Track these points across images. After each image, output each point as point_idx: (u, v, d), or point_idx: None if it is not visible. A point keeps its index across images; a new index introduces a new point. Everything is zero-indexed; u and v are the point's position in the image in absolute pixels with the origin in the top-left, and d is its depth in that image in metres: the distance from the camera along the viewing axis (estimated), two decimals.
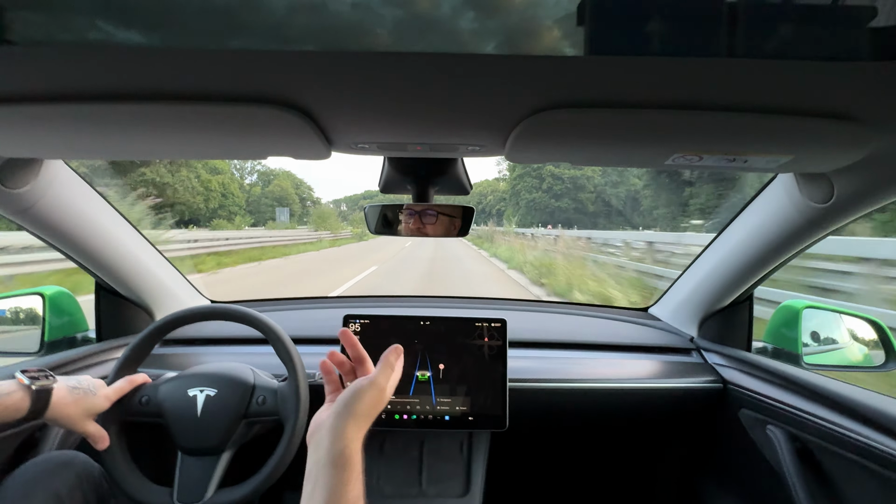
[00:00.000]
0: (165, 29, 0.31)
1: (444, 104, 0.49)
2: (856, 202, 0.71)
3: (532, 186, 47.59)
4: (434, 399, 0.98)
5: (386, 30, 0.31)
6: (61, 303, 1.07)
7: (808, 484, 0.82)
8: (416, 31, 0.32)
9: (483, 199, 73.58)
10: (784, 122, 0.49)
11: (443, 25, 0.31)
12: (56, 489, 0.69)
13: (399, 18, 0.31)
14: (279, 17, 0.30)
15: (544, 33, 0.31)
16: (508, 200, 63.08)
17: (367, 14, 0.30)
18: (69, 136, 0.59)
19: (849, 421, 0.76)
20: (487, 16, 0.31)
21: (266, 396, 0.86)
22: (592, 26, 0.32)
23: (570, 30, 0.31)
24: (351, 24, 0.31)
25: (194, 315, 0.91)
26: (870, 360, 1.06)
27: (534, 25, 0.31)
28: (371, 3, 0.29)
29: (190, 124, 0.54)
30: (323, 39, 0.32)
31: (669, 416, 1.13)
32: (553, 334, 1.24)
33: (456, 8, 0.30)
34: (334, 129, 0.57)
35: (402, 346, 0.61)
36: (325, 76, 0.43)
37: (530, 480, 1.42)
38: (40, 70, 0.43)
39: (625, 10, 0.32)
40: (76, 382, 0.75)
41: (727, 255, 1.04)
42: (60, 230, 0.87)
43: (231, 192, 39.66)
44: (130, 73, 0.43)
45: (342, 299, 1.51)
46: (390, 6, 0.31)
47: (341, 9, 0.29)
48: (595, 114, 0.49)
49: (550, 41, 0.32)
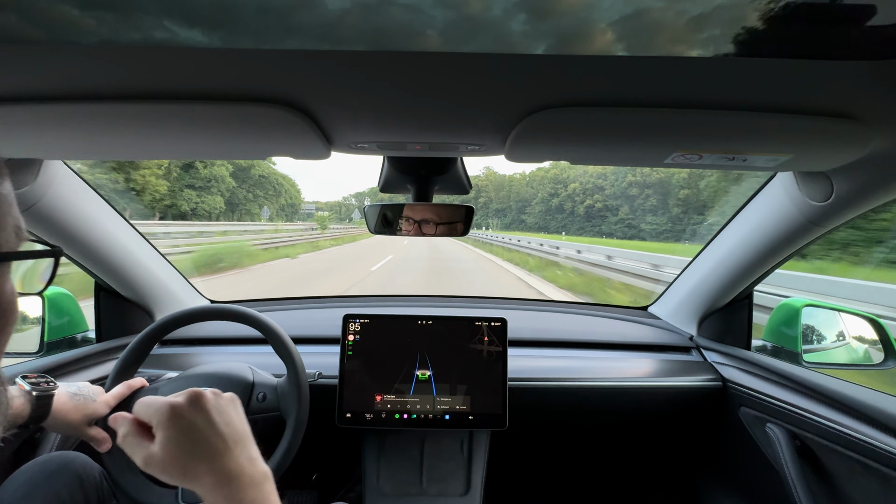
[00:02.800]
0: (165, 28, 0.31)
1: (443, 104, 0.49)
2: (855, 201, 0.71)
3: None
4: (434, 398, 0.98)
5: (378, 29, 0.31)
6: (61, 303, 1.07)
7: (808, 481, 0.82)
8: (411, 30, 0.32)
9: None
10: (783, 121, 0.49)
11: (437, 25, 0.31)
12: (56, 490, 0.69)
13: (400, 18, 0.31)
14: (280, 16, 0.30)
15: (597, 35, 0.31)
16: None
17: (368, 13, 0.30)
18: (69, 137, 0.58)
19: (848, 419, 0.76)
20: (535, 17, 0.30)
21: (266, 393, 0.87)
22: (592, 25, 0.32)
23: (624, 31, 0.30)
24: (353, 24, 0.31)
25: (193, 315, 0.91)
26: (869, 359, 1.07)
27: (586, 27, 0.30)
28: (371, 3, 0.29)
29: (190, 124, 0.54)
30: (323, 39, 0.32)
31: (669, 414, 1.14)
32: (553, 333, 1.24)
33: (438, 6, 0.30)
34: (334, 129, 0.56)
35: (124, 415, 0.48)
36: (326, 76, 0.43)
37: (530, 479, 1.42)
38: (40, 70, 0.42)
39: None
40: (76, 389, 0.75)
41: (726, 253, 1.04)
42: (60, 230, 0.86)
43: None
44: (130, 73, 0.43)
45: (342, 299, 1.50)
46: (389, 6, 0.31)
47: (344, 7, 0.29)
48: (595, 113, 0.49)
49: (602, 43, 0.31)
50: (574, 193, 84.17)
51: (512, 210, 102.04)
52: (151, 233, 13.27)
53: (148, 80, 0.44)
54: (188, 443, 0.43)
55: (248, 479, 0.44)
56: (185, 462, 0.43)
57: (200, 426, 0.45)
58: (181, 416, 0.44)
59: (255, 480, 0.44)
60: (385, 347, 1.00)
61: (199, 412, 0.45)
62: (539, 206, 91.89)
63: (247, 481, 0.43)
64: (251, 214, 44.54)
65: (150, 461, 0.43)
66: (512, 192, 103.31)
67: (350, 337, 1.00)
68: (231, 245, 14.28)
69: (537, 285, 8.57)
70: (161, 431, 0.44)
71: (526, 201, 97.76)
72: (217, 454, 0.44)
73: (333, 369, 0.99)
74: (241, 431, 0.47)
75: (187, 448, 0.43)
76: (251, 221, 39.11)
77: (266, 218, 42.50)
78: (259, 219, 43.04)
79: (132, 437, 0.45)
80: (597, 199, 79.04)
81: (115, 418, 0.47)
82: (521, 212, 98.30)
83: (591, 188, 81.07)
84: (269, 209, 46.23)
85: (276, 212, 52.27)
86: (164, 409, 0.44)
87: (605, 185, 78.79)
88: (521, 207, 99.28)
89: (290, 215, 59.13)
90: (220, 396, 0.49)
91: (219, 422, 0.46)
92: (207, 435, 0.44)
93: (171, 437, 0.43)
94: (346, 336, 1.00)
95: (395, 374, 0.99)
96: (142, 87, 0.46)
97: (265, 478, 0.45)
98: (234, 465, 0.44)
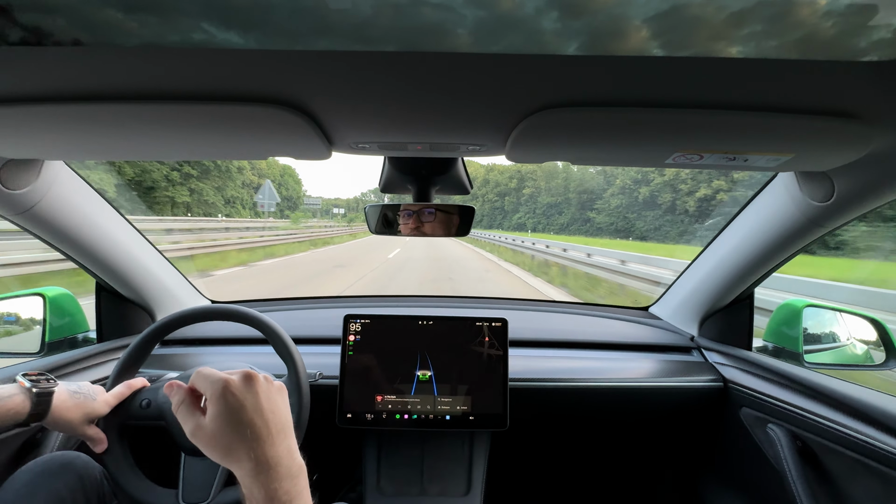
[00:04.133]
0: (165, 28, 0.31)
1: (444, 104, 0.49)
2: (856, 200, 0.71)
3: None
4: (435, 399, 0.98)
5: (405, 28, 0.31)
6: (62, 303, 1.07)
7: (809, 482, 0.82)
8: (405, 30, 0.32)
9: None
10: (784, 121, 0.49)
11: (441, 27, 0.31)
12: (57, 490, 0.69)
13: (431, 18, 0.31)
14: (280, 16, 0.30)
15: (632, 34, 0.30)
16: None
17: (367, 13, 0.30)
18: (70, 137, 0.59)
19: (849, 419, 0.76)
20: (567, 15, 0.30)
21: None
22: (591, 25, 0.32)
23: (659, 30, 0.30)
24: (356, 24, 0.31)
25: (193, 316, 0.91)
26: (870, 359, 1.07)
27: (620, 25, 0.30)
28: (371, 2, 0.29)
29: (191, 124, 0.54)
30: (325, 39, 0.32)
31: (670, 415, 1.13)
32: (554, 334, 1.24)
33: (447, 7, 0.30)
34: (335, 129, 0.57)
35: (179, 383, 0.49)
36: (327, 76, 0.43)
37: (531, 479, 1.42)
38: (41, 71, 0.43)
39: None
40: (77, 387, 0.75)
41: (727, 253, 1.03)
42: (61, 231, 0.87)
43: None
44: (131, 73, 0.43)
45: (343, 299, 1.51)
46: (387, 5, 0.31)
47: (344, 6, 0.29)
48: (596, 113, 0.49)
49: (637, 41, 0.31)
50: (676, 179, 50.46)
51: (571, 205, 72.74)
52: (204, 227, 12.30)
53: (149, 80, 0.44)
54: (235, 423, 0.44)
55: (286, 470, 0.44)
56: (229, 441, 0.43)
57: (249, 408, 0.45)
58: (233, 395, 0.45)
59: (291, 472, 0.44)
60: (386, 348, 1.00)
61: (250, 394, 0.46)
62: (616, 199, 62.50)
63: (283, 472, 0.44)
64: (208, 205, 36.26)
65: (197, 433, 0.44)
66: (570, 181, 74.12)
67: (351, 337, 1.00)
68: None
69: None
70: (213, 405, 0.45)
71: (594, 193, 68.79)
72: (259, 440, 0.44)
73: (334, 369, 0.99)
74: (285, 421, 0.47)
75: (233, 427, 0.44)
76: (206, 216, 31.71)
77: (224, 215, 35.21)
78: (233, 213, 37.26)
79: (185, 407, 0.46)
80: (718, 186, 44.64)
81: (171, 385, 0.49)
82: (588, 207, 68.33)
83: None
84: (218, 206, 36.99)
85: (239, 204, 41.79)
86: (218, 383, 0.45)
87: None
88: (585, 202, 69.45)
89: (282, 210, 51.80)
90: (271, 383, 0.49)
91: (266, 408, 0.46)
92: (253, 419, 0.45)
93: (220, 412, 0.44)
94: (347, 336, 1.00)
95: (395, 374, 0.99)
96: (143, 87, 0.46)
97: (301, 471, 0.45)
98: (274, 453, 0.44)
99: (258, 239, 15.76)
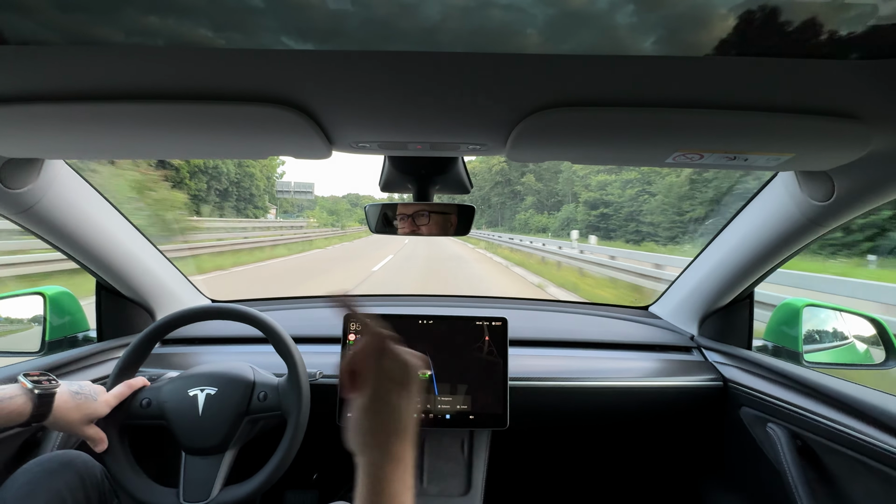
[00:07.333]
0: (166, 28, 0.31)
1: (445, 103, 0.49)
2: (856, 200, 0.71)
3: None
4: (435, 398, 0.98)
5: (429, 29, 0.31)
6: (62, 302, 1.07)
7: (809, 481, 0.82)
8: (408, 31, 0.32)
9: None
10: (785, 120, 0.49)
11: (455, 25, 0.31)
12: (58, 489, 0.69)
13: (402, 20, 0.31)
14: (281, 16, 0.30)
15: (708, 29, 0.30)
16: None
17: (367, 13, 0.30)
18: (70, 136, 0.59)
19: (849, 419, 0.76)
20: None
21: (267, 392, 0.87)
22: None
23: (727, 28, 0.30)
24: (356, 24, 0.31)
25: (193, 315, 0.91)
26: (870, 358, 1.07)
27: (698, 21, 0.29)
28: (370, 1, 0.29)
29: (191, 123, 0.54)
30: (325, 39, 0.32)
31: (670, 414, 1.14)
32: (554, 333, 1.24)
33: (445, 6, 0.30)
34: (335, 129, 0.57)
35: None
36: (327, 76, 0.43)
37: (531, 479, 1.42)
38: (41, 70, 0.43)
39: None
40: (78, 388, 0.75)
41: (727, 253, 1.03)
42: (61, 230, 0.87)
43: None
44: (131, 73, 0.43)
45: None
46: (387, 5, 0.31)
47: (343, 6, 0.29)
48: (596, 112, 0.49)
49: (707, 37, 0.31)
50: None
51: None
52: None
53: (149, 80, 0.44)
54: (386, 407, 0.45)
55: (403, 469, 0.44)
56: (372, 424, 0.45)
57: (403, 398, 0.46)
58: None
59: (404, 473, 0.44)
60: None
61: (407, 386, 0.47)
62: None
63: (400, 470, 0.44)
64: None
65: (353, 404, 0.46)
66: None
67: (351, 336, 1.00)
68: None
69: None
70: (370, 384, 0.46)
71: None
72: (394, 434, 0.45)
73: (334, 369, 0.99)
74: (412, 423, 0.48)
75: (381, 411, 0.45)
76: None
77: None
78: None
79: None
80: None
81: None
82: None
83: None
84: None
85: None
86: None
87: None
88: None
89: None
90: (418, 384, 0.50)
91: (410, 407, 0.47)
92: (401, 410, 0.45)
93: (377, 393, 0.46)
94: (347, 335, 1.00)
95: None
96: (143, 87, 0.46)
97: (406, 472, 0.46)
98: (398, 450, 0.44)
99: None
